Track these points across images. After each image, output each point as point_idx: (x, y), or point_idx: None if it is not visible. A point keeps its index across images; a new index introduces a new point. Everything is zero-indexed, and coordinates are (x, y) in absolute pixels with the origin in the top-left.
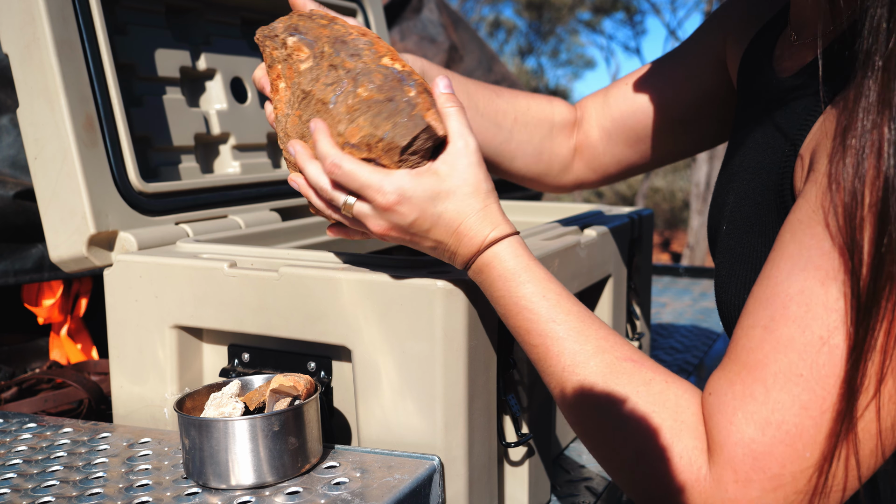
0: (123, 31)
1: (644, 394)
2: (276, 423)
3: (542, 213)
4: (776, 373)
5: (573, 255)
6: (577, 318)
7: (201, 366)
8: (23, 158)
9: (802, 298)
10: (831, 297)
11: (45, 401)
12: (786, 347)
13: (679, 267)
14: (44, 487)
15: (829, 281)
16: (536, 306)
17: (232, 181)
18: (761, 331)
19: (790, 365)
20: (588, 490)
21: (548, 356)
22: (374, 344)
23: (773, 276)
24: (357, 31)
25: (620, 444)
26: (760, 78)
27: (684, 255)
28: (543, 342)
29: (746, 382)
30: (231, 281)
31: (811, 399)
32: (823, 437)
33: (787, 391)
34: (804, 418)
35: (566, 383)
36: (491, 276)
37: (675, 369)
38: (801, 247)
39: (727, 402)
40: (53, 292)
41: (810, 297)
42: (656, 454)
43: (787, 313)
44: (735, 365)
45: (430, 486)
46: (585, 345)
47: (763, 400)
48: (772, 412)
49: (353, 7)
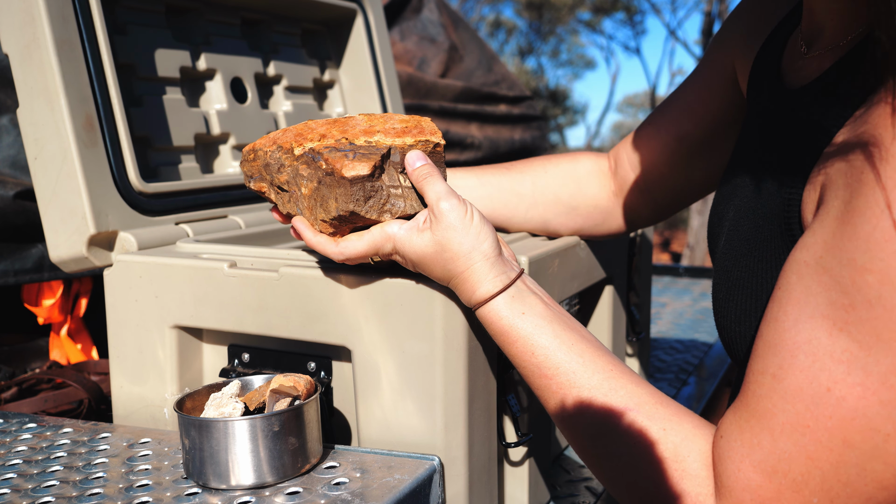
0: (123, 31)
1: (639, 447)
2: (276, 424)
3: None
4: (784, 423)
5: (573, 255)
6: (570, 367)
7: (201, 366)
8: (23, 158)
9: (810, 348)
10: (838, 348)
11: (45, 401)
12: (794, 398)
13: (679, 267)
14: (44, 487)
15: (836, 332)
16: (528, 364)
17: (232, 181)
18: (770, 379)
19: (797, 416)
20: (588, 490)
21: (548, 406)
22: (374, 344)
23: (780, 319)
24: (280, 149)
25: (625, 497)
26: (768, 88)
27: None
28: (543, 396)
29: (755, 431)
30: (231, 281)
31: (818, 451)
32: (831, 486)
33: (793, 441)
34: (811, 468)
35: (567, 431)
36: (490, 332)
37: (675, 369)
38: (808, 293)
39: (736, 448)
40: (53, 292)
41: (817, 347)
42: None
43: (794, 363)
44: (745, 412)
45: (430, 487)
46: (580, 395)
47: (771, 449)
48: (779, 461)
49: (352, 7)
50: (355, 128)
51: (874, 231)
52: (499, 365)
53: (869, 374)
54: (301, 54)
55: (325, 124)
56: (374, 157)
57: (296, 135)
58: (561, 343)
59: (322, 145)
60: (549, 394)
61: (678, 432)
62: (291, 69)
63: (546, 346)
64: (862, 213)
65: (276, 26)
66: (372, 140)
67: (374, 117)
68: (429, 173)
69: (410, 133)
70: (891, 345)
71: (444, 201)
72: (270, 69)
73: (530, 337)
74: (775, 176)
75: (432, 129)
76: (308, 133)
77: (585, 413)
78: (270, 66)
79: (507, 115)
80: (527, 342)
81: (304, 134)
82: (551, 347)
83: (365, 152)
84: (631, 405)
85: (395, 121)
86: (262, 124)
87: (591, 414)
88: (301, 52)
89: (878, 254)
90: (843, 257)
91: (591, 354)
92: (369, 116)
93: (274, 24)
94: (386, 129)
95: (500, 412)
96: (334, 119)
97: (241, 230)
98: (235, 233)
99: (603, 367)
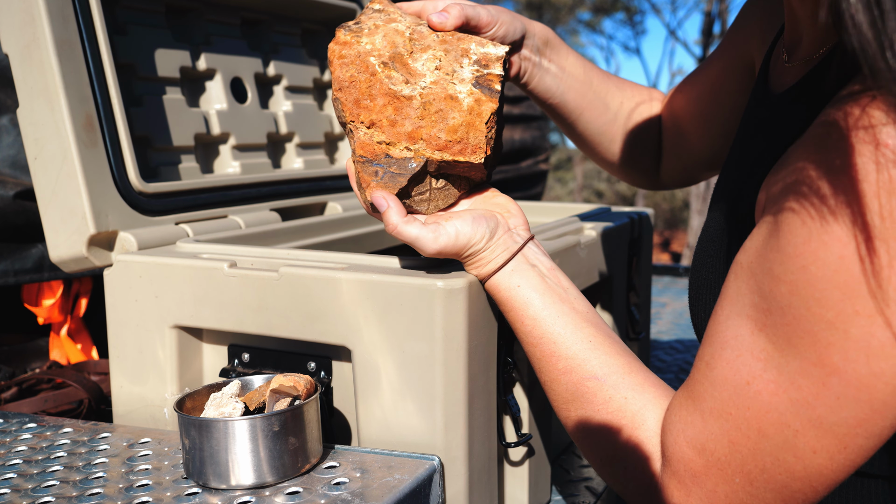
0: (123, 31)
1: (603, 412)
2: (276, 423)
3: (543, 212)
4: (711, 408)
5: (573, 255)
6: (551, 338)
7: (201, 366)
8: (23, 158)
9: (735, 343)
10: (757, 346)
11: (45, 401)
12: (720, 386)
13: (679, 267)
14: (44, 487)
15: (757, 332)
16: (518, 332)
17: (232, 181)
18: (704, 366)
19: (722, 403)
20: (588, 490)
21: (535, 371)
22: (374, 344)
23: (717, 315)
24: (336, 86)
25: (589, 455)
26: (758, 90)
27: (684, 255)
28: (530, 360)
29: (689, 410)
30: (231, 281)
31: (738, 436)
32: (749, 469)
33: (718, 425)
34: (732, 451)
35: (549, 395)
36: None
37: (675, 369)
38: (738, 293)
39: (675, 423)
40: (53, 292)
41: (741, 343)
42: (616, 465)
43: (722, 355)
44: (685, 391)
45: (430, 486)
46: (557, 364)
47: (701, 428)
48: (706, 441)
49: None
50: (406, 119)
51: (787, 245)
52: (499, 365)
53: (781, 373)
54: (301, 54)
55: (386, 94)
56: (400, 182)
57: (355, 101)
58: (548, 314)
59: (361, 146)
60: (535, 359)
61: (639, 400)
62: (291, 69)
63: (534, 317)
64: (782, 227)
65: (276, 26)
66: (413, 148)
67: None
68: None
69: (451, 150)
70: (799, 349)
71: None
72: (270, 69)
73: (522, 308)
74: (744, 179)
75: (478, 144)
76: (365, 101)
77: (562, 379)
78: (270, 66)
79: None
80: (518, 312)
81: (361, 101)
82: (538, 318)
83: (396, 171)
84: (600, 374)
85: (449, 120)
86: (262, 124)
87: (566, 380)
88: (301, 52)
89: (790, 266)
90: (766, 265)
91: (575, 326)
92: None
93: (274, 24)
94: (432, 135)
95: (500, 412)
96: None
97: (241, 230)
98: (235, 233)
99: (583, 337)
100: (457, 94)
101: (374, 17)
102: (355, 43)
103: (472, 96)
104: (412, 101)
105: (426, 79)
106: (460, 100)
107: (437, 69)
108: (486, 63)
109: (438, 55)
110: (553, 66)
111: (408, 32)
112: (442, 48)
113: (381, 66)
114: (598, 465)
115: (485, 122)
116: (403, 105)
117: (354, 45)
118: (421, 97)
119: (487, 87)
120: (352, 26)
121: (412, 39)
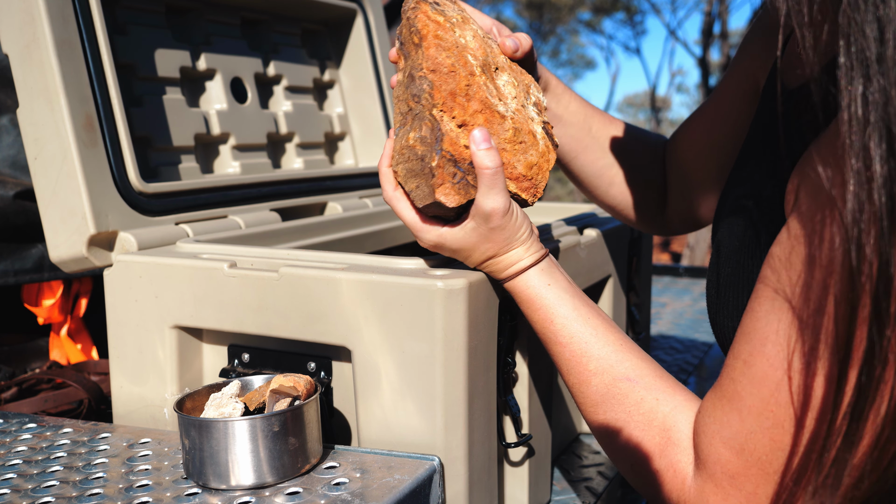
0: (123, 31)
1: (634, 414)
2: (276, 424)
3: (543, 213)
4: (750, 406)
5: (573, 255)
6: (582, 338)
7: (201, 366)
8: (23, 158)
9: (778, 339)
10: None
11: (45, 401)
12: (760, 383)
13: (679, 267)
14: (44, 487)
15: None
16: (546, 331)
17: (232, 181)
18: (742, 364)
19: (763, 400)
20: (588, 490)
21: (561, 373)
22: (374, 344)
23: (755, 310)
24: (429, 64)
25: (619, 458)
26: (770, 86)
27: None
28: (557, 362)
29: (726, 410)
30: (231, 281)
31: (780, 434)
32: (794, 467)
33: (759, 424)
34: (774, 449)
35: (575, 398)
36: (517, 300)
37: (675, 369)
38: (779, 286)
39: (709, 424)
40: (53, 292)
41: (785, 338)
42: (646, 468)
43: (763, 351)
44: (719, 391)
45: (430, 487)
46: (588, 365)
47: (739, 428)
48: (746, 440)
49: (352, 7)
50: (494, 136)
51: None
52: (499, 365)
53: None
54: (301, 54)
55: (481, 102)
56: (471, 193)
57: (451, 92)
58: (578, 315)
59: (451, 143)
60: (563, 360)
61: (670, 403)
62: (291, 69)
63: (565, 316)
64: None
65: (276, 26)
66: None
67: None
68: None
69: (520, 184)
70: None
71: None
72: (270, 69)
73: (552, 307)
74: (767, 174)
75: (539, 188)
76: (460, 98)
77: (593, 380)
78: (270, 66)
79: None
80: (548, 311)
81: (457, 97)
82: (569, 318)
83: (472, 182)
84: (632, 376)
85: (528, 155)
86: (262, 124)
87: (597, 381)
88: (301, 52)
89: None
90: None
91: (604, 329)
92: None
93: (274, 24)
94: (510, 162)
95: (500, 412)
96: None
97: (241, 230)
98: (235, 233)
99: (613, 340)
100: (535, 132)
101: (451, 7)
102: (451, 29)
103: (544, 141)
104: (504, 123)
105: (509, 104)
106: (537, 140)
107: (514, 98)
108: (540, 109)
109: (512, 82)
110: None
111: (486, 43)
112: (512, 76)
113: (479, 71)
114: (628, 470)
115: (549, 169)
116: (495, 122)
117: (451, 32)
118: (512, 122)
119: (551, 138)
120: (435, 5)
121: (492, 53)
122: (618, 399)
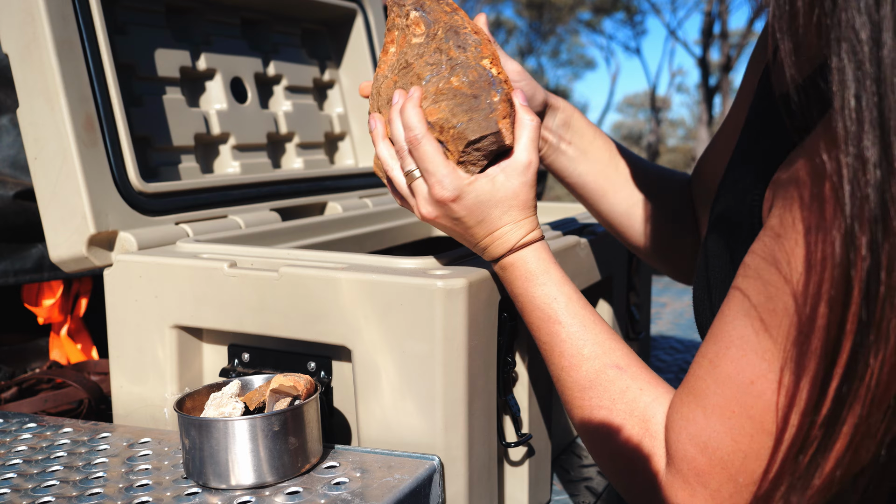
0: (123, 31)
1: (619, 402)
2: (276, 423)
3: (543, 213)
4: (714, 405)
5: (573, 255)
6: (580, 322)
7: (201, 366)
8: (23, 158)
9: (741, 343)
10: (762, 347)
11: (45, 401)
12: (724, 384)
13: None
14: (44, 487)
15: (763, 332)
16: (548, 308)
17: (232, 181)
18: (708, 363)
19: (726, 400)
20: (588, 490)
21: (552, 354)
22: (374, 344)
23: (724, 314)
24: (472, 27)
25: (599, 447)
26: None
27: None
28: (549, 341)
29: (691, 407)
30: (231, 281)
31: (741, 434)
32: (753, 468)
33: (721, 423)
34: (735, 449)
35: (561, 382)
36: (514, 274)
37: (675, 369)
38: (746, 292)
39: (676, 420)
40: (53, 292)
41: (747, 342)
42: (625, 457)
43: (728, 353)
44: (686, 388)
45: (430, 486)
46: (582, 349)
47: (703, 426)
48: (709, 438)
49: (352, 7)
50: None
51: (795, 248)
52: (499, 365)
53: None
54: (301, 54)
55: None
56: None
57: (494, 53)
58: (579, 297)
59: (505, 90)
60: (559, 340)
61: (651, 394)
62: (291, 69)
63: (568, 296)
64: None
65: (276, 26)
66: None
67: None
68: (532, 117)
69: None
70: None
71: (535, 153)
72: (270, 69)
73: (559, 283)
74: (750, 177)
75: None
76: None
77: (584, 364)
78: (270, 66)
79: None
80: (554, 286)
81: (496, 58)
82: (572, 298)
83: (513, 132)
84: (622, 364)
85: None
86: (262, 124)
87: (588, 365)
88: (301, 52)
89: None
90: (772, 267)
91: (598, 318)
92: None
93: (274, 24)
94: None
95: (500, 412)
96: None
97: (241, 230)
98: (235, 233)
99: (605, 328)
100: None
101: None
102: None
103: None
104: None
105: None
106: None
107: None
108: None
109: None
110: (571, 149)
111: None
112: None
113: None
114: (606, 459)
115: None
116: None
117: None
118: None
119: None
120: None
121: None
122: (604, 385)
